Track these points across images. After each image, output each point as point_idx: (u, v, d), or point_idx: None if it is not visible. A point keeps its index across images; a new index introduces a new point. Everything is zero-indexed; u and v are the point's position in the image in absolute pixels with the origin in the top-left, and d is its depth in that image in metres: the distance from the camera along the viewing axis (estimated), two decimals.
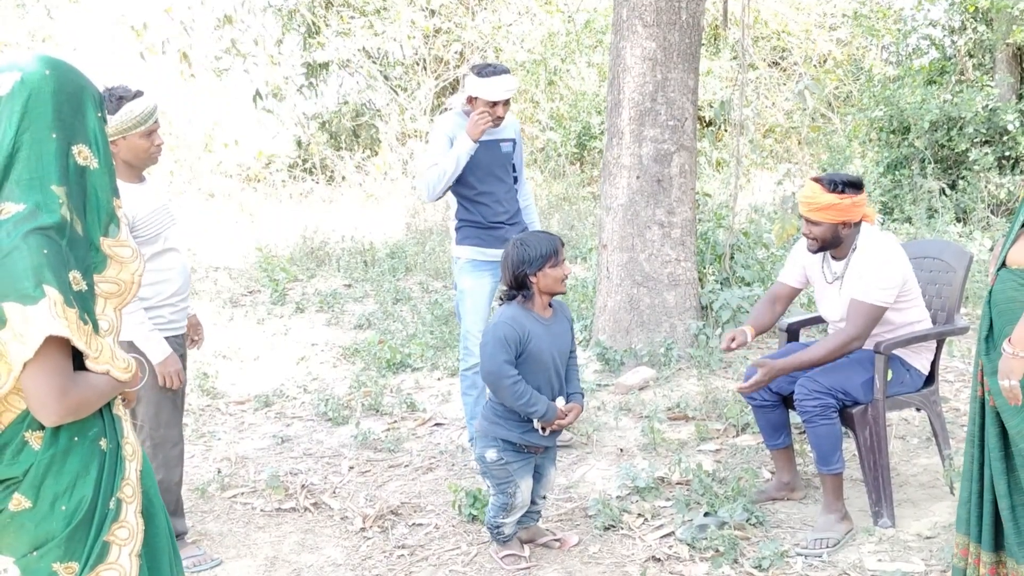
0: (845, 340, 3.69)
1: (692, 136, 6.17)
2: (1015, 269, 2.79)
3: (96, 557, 1.94)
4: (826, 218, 3.72)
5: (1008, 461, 2.86)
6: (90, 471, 1.93)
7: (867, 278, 3.70)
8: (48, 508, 1.90)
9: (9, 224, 1.82)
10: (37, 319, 1.76)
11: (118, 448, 2.00)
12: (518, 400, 3.41)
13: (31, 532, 1.90)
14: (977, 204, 9.68)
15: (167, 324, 3.60)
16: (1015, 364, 2.68)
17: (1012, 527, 2.86)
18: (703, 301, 6.34)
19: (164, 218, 3.58)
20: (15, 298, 1.77)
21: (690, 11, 5.97)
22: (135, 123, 3.40)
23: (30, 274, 1.77)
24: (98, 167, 1.96)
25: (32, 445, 1.89)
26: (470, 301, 4.62)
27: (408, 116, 14.57)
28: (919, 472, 4.35)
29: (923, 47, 12.97)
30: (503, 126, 4.60)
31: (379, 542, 3.96)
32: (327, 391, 5.91)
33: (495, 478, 3.57)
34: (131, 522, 2.00)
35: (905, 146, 10.59)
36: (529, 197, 4.92)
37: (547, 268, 3.45)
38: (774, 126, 14.30)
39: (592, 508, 4.01)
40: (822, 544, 3.63)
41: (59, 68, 1.94)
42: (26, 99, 1.88)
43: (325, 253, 10.11)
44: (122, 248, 2.00)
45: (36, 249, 1.80)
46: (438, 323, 7.19)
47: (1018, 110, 10.24)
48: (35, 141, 1.87)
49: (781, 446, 4.06)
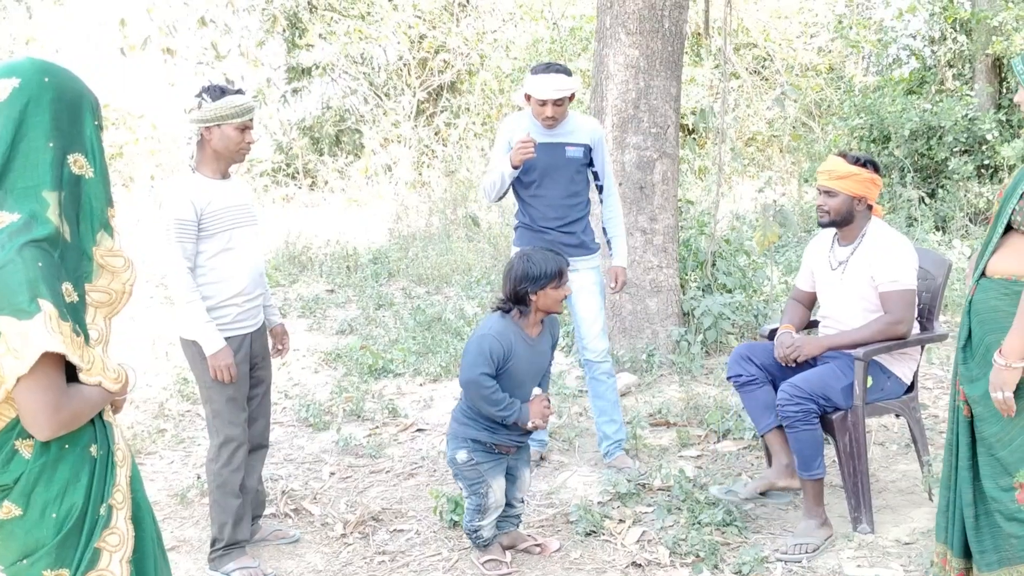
0: (885, 325, 3.74)
1: (675, 143, 6.20)
2: (997, 278, 2.80)
3: (87, 563, 1.93)
4: (844, 187, 3.78)
5: (975, 470, 2.88)
6: (80, 478, 1.92)
7: (888, 265, 3.73)
8: (38, 516, 1.89)
9: (3, 236, 1.80)
10: (33, 334, 1.75)
11: (109, 454, 1.99)
12: (494, 407, 3.45)
13: (21, 540, 1.89)
14: (956, 213, 9.77)
15: (231, 324, 3.60)
16: (1007, 375, 2.68)
17: (974, 536, 2.87)
18: (685, 308, 6.37)
19: (233, 218, 3.58)
20: (9, 312, 1.75)
21: (672, 19, 6.00)
22: (232, 113, 3.48)
23: (25, 288, 1.76)
24: (93, 176, 1.94)
25: (22, 453, 1.88)
26: None
27: (391, 121, 14.56)
28: (898, 478, 4.38)
29: (903, 57, 13.09)
30: (572, 129, 4.44)
31: (360, 548, 3.94)
32: (308, 396, 5.89)
33: (467, 479, 3.58)
34: (121, 528, 1.99)
35: (885, 155, 10.68)
36: (614, 208, 4.65)
37: (549, 288, 3.46)
38: (756, 134, 14.37)
39: (573, 514, 4.01)
40: (802, 549, 3.65)
41: (58, 75, 1.92)
42: (24, 106, 1.86)
43: (307, 258, 10.08)
44: (115, 258, 1.98)
45: (31, 262, 1.78)
46: (421, 329, 7.18)
47: (997, 120, 10.35)
48: (31, 150, 1.85)
49: (773, 426, 3.92)
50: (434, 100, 15.40)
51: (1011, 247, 2.79)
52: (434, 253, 9.84)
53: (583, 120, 4.56)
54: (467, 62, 14.95)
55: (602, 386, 4.61)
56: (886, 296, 3.75)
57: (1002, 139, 10.21)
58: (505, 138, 4.48)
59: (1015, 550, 2.76)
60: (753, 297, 6.88)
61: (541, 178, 4.44)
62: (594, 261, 4.60)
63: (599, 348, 4.58)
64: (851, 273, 3.84)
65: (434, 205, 12.06)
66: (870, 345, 3.75)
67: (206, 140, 3.53)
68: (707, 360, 6.22)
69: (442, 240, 10.54)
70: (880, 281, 3.76)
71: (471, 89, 15.10)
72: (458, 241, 10.30)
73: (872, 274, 3.77)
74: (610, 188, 4.63)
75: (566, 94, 4.30)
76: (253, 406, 3.82)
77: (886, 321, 3.74)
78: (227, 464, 3.63)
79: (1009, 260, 2.77)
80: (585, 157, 4.49)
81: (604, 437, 4.65)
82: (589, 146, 4.49)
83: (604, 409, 4.63)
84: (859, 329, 3.80)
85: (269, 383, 3.92)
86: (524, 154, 4.27)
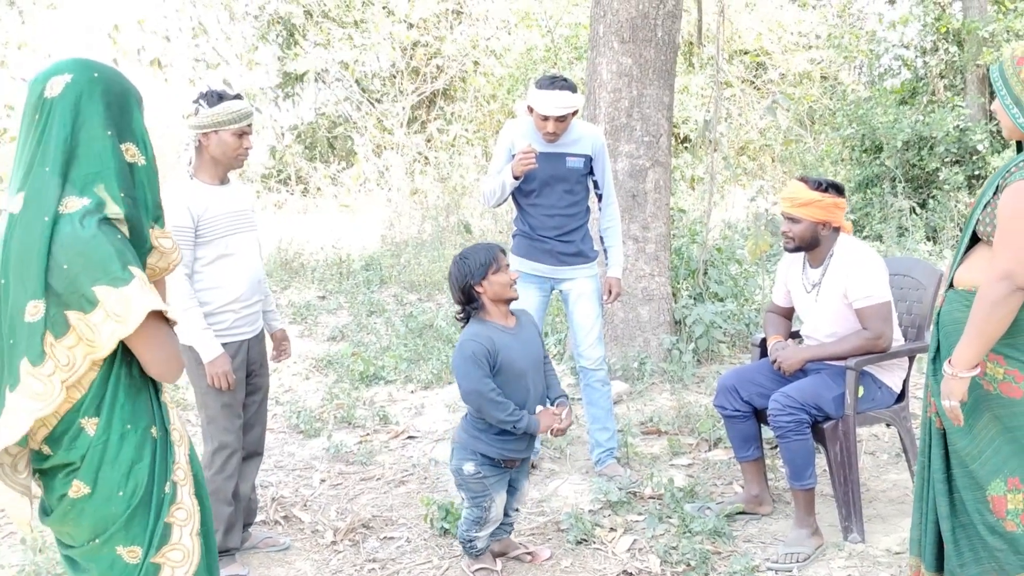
0: (864, 341, 3.75)
1: (667, 152, 6.21)
2: (961, 290, 2.81)
3: (160, 539, 2.04)
4: (806, 215, 3.79)
5: (950, 483, 2.87)
6: (144, 458, 2.03)
7: (859, 282, 3.74)
8: (107, 494, 2.00)
9: (77, 216, 1.91)
10: (135, 298, 1.90)
11: (167, 434, 2.10)
12: (502, 413, 3.37)
13: (91, 518, 2.01)
14: (947, 223, 9.81)
15: (228, 329, 3.58)
16: (955, 384, 2.70)
17: (952, 548, 2.86)
18: (676, 316, 6.37)
19: (231, 224, 3.56)
20: (107, 282, 1.89)
21: (666, 28, 6.02)
22: (230, 119, 3.48)
23: (115, 258, 1.90)
24: (144, 164, 2.06)
25: (87, 431, 1.98)
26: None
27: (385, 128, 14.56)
28: (889, 488, 4.39)
29: (895, 67, 13.15)
30: (575, 139, 4.42)
31: (350, 556, 3.93)
32: (299, 403, 5.87)
33: (471, 491, 3.55)
34: (187, 503, 2.11)
35: (877, 165, 10.72)
36: (613, 218, 4.63)
37: (491, 275, 3.44)
38: (748, 143, 14.42)
39: (564, 522, 4.01)
40: (793, 559, 3.65)
41: (105, 71, 2.05)
42: (77, 99, 1.97)
43: (300, 264, 10.07)
44: (164, 239, 2.11)
45: (112, 235, 1.93)
46: (412, 336, 7.18)
47: (988, 131, 10.40)
48: (92, 139, 1.97)
49: (751, 458, 4.08)
50: (427, 107, 15.41)
51: (977, 258, 2.79)
52: (426, 260, 9.83)
53: (585, 129, 4.53)
54: (461, 69, 14.97)
55: (596, 394, 4.61)
56: (861, 312, 3.77)
57: (993, 150, 10.26)
58: (506, 144, 4.46)
59: (997, 563, 2.76)
60: (745, 306, 6.90)
61: (541, 187, 4.42)
62: (592, 269, 4.59)
63: (595, 356, 4.57)
64: (825, 294, 3.86)
65: (427, 212, 12.06)
66: (858, 356, 3.77)
67: (204, 146, 3.51)
68: (699, 369, 6.22)
69: (434, 247, 10.53)
70: (854, 298, 3.77)
71: (464, 96, 15.12)
72: (451, 248, 10.30)
73: (845, 292, 3.79)
74: (609, 197, 4.62)
75: (569, 111, 4.26)
76: (249, 413, 3.80)
77: (865, 337, 3.76)
78: (220, 471, 3.61)
79: (973, 271, 2.77)
80: (586, 167, 4.48)
81: (596, 445, 4.64)
82: (590, 156, 4.48)
83: (597, 417, 4.62)
84: (838, 343, 3.82)
85: (266, 390, 3.91)
86: (526, 165, 4.25)
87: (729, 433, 4.10)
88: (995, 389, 2.71)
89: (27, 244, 1.91)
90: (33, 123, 1.97)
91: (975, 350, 2.64)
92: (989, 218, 2.69)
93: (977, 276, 2.73)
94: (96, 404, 1.99)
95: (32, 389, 1.92)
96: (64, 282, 1.89)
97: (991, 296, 2.58)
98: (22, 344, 1.92)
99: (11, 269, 1.93)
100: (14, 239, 1.93)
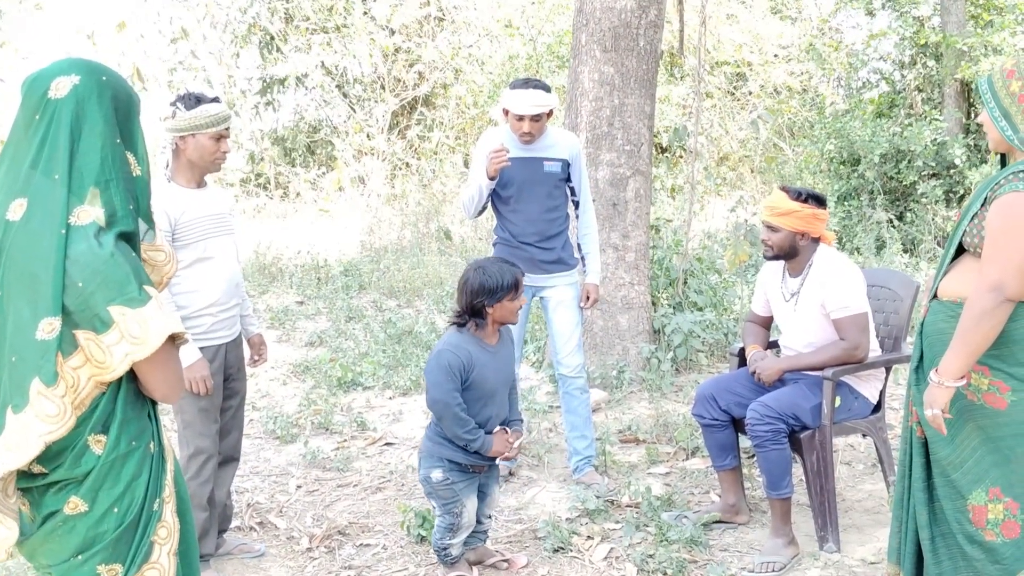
0: (841, 352, 3.77)
1: (648, 161, 6.23)
2: (945, 301, 2.82)
3: (142, 558, 1.98)
4: (786, 224, 3.81)
5: (930, 492, 2.88)
6: (142, 474, 1.97)
7: (836, 292, 3.77)
8: (103, 512, 1.93)
9: (91, 231, 1.84)
10: (152, 320, 1.84)
11: (161, 450, 2.04)
12: (462, 429, 3.41)
13: (81, 535, 1.93)
14: (924, 236, 9.89)
15: (205, 333, 3.56)
16: (939, 393, 2.71)
17: (932, 558, 2.87)
18: (656, 325, 6.39)
19: (207, 227, 3.53)
20: (122, 302, 1.82)
21: (648, 38, 6.04)
22: (208, 123, 3.45)
23: (132, 278, 1.84)
24: (140, 175, 1.98)
25: (94, 449, 1.91)
26: None
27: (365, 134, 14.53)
28: (864, 498, 4.40)
29: (873, 80, 13.26)
30: (551, 144, 4.43)
31: (326, 562, 3.90)
32: (276, 408, 5.84)
33: (441, 498, 3.54)
34: (169, 521, 2.04)
35: (855, 178, 10.80)
36: (589, 224, 4.63)
37: (505, 300, 3.44)
38: (728, 154, 14.50)
39: (542, 530, 3.99)
40: (769, 568, 3.66)
41: (112, 75, 1.97)
42: (85, 103, 1.89)
43: (278, 269, 10.02)
44: (156, 252, 2.06)
45: (128, 254, 1.87)
46: (391, 342, 7.15)
47: (965, 144, 10.50)
48: (101, 146, 1.89)
49: (728, 467, 4.09)
50: (408, 113, 15.40)
51: (962, 269, 2.81)
52: (406, 266, 9.81)
53: (561, 135, 4.55)
54: (442, 76, 14.97)
55: (575, 401, 4.60)
56: (839, 323, 3.79)
57: (970, 164, 10.36)
58: (482, 154, 4.45)
59: (976, 573, 2.77)
60: (723, 315, 6.92)
61: (519, 193, 4.42)
62: (572, 277, 4.59)
63: (574, 363, 4.57)
64: (803, 304, 3.89)
65: (407, 218, 12.04)
66: (835, 367, 3.79)
67: (181, 149, 3.49)
68: (677, 377, 6.24)
69: (414, 253, 10.51)
70: (831, 308, 3.79)
71: (446, 103, 15.12)
72: (430, 254, 10.28)
73: (822, 302, 3.81)
74: (586, 204, 4.62)
75: (544, 110, 4.29)
76: (226, 418, 3.77)
77: (842, 347, 3.78)
78: (196, 476, 3.58)
79: (958, 282, 2.79)
80: (563, 172, 4.48)
81: (574, 452, 4.64)
82: (567, 161, 4.49)
83: (576, 424, 4.62)
84: (816, 353, 3.84)
85: (244, 395, 3.88)
86: (498, 163, 4.26)
87: (707, 442, 4.10)
88: (979, 400, 2.73)
89: (36, 257, 1.81)
90: (33, 124, 1.87)
91: (963, 360, 2.66)
92: (976, 229, 2.70)
93: (961, 287, 2.74)
94: (103, 421, 1.90)
95: (44, 411, 1.82)
96: (78, 300, 1.81)
97: (979, 307, 2.59)
98: (31, 362, 1.82)
99: (11, 281, 1.84)
100: (16, 248, 1.83)
